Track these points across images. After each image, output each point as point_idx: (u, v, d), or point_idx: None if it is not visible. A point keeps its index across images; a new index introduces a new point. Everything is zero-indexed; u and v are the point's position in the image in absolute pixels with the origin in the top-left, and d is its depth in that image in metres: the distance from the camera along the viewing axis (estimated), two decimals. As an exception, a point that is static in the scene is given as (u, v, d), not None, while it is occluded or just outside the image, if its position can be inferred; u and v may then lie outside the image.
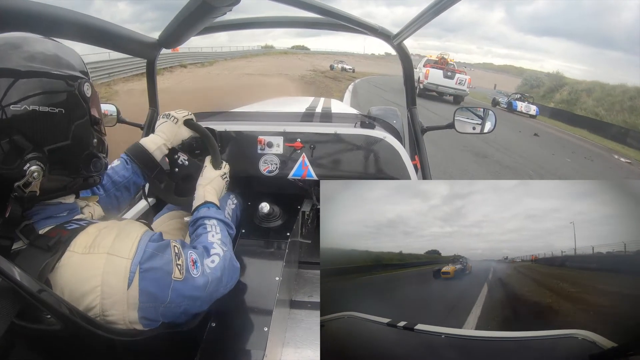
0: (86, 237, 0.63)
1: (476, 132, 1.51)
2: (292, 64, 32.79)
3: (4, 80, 0.57)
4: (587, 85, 26.03)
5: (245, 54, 39.65)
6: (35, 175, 0.59)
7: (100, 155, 0.73)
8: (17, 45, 0.62)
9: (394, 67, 22.07)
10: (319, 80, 19.95)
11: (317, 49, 66.06)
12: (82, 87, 0.67)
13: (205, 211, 0.92)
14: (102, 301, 0.60)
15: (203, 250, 0.81)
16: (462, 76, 15.89)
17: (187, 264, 0.71)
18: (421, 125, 1.56)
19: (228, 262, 0.82)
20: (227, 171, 1.09)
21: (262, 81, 15.53)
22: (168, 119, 1.13)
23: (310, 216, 1.55)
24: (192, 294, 0.71)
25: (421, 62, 17.54)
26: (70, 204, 0.72)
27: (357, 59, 57.42)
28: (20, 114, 0.58)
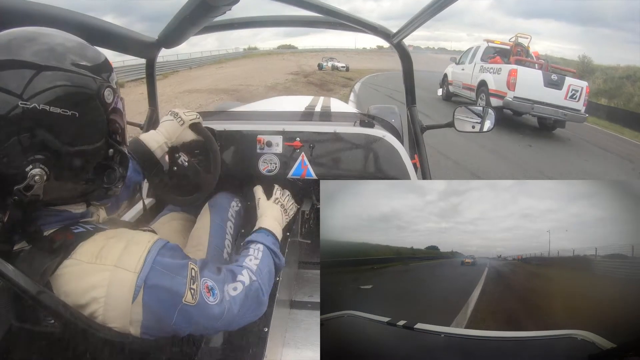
0: (93, 246, 0.61)
1: (475, 130, 1.51)
2: (275, 65, 26.99)
3: (16, 73, 0.54)
4: (624, 72, 19.78)
5: (220, 58, 33.79)
6: (37, 179, 0.55)
7: (116, 167, 0.67)
8: (35, 38, 0.58)
9: (391, 61, 17.35)
10: (298, 90, 14.65)
11: (306, 47, 61.68)
12: (102, 92, 0.62)
13: (255, 236, 0.91)
14: (104, 312, 0.59)
15: (226, 274, 0.75)
16: (575, 82, 7.55)
17: (202, 290, 0.66)
18: (421, 124, 1.56)
19: (252, 293, 0.76)
20: (278, 196, 1.07)
21: (197, 101, 11.00)
22: (175, 119, 1.11)
23: (310, 215, 1.55)
24: (202, 321, 0.67)
25: (472, 54, 9.33)
26: (80, 213, 0.68)
27: (349, 55, 49.06)
28: (29, 112, 0.54)
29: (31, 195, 0.55)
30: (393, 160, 1.33)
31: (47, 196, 0.59)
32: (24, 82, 0.54)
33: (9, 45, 0.55)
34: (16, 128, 0.54)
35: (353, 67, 28.09)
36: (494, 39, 9.30)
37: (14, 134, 0.54)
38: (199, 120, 1.16)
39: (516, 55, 8.42)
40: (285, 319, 1.21)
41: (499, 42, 9.13)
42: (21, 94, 0.53)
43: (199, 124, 1.16)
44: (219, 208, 1.20)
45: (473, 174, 4.88)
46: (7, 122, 0.53)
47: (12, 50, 0.55)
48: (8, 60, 0.54)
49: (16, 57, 0.55)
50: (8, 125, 0.53)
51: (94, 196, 0.68)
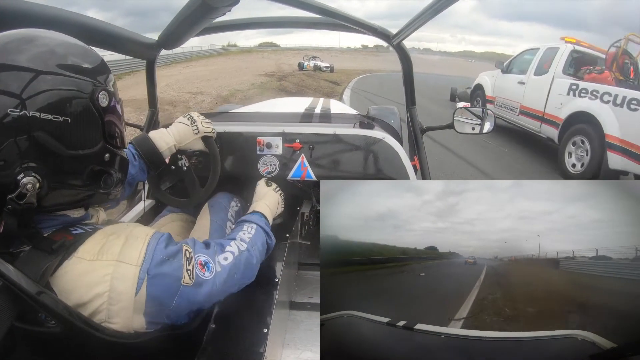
0: (94, 244, 0.61)
1: (475, 132, 1.51)
2: (252, 64, 24.11)
3: (6, 77, 0.52)
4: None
5: (191, 56, 29.21)
6: (29, 188, 0.53)
7: (113, 172, 0.66)
8: (28, 41, 0.56)
9: (377, 61, 18.24)
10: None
11: (288, 45, 58.66)
12: (96, 96, 0.60)
13: (249, 216, 0.96)
14: (108, 307, 0.59)
15: (215, 247, 0.79)
16: None
17: (196, 268, 0.69)
18: (420, 125, 1.56)
19: (243, 261, 0.80)
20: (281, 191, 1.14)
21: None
22: (190, 126, 1.11)
23: (310, 217, 1.55)
24: (200, 298, 0.69)
25: (541, 59, 5.51)
26: (78, 217, 0.67)
27: (333, 54, 47.27)
28: (18, 119, 0.52)
29: (24, 203, 0.54)
30: (393, 161, 1.33)
31: (43, 203, 0.58)
32: (12, 89, 0.52)
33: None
34: (5, 136, 0.52)
35: (338, 67, 24.85)
36: (577, 39, 5.44)
37: (3, 142, 0.52)
38: (213, 135, 1.17)
39: (618, 69, 4.72)
40: (285, 320, 1.21)
41: (587, 45, 5.43)
42: (9, 100, 0.52)
43: (210, 138, 1.16)
44: (219, 208, 1.20)
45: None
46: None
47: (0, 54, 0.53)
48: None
49: (3, 61, 0.53)
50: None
51: (93, 201, 0.67)
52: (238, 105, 3.40)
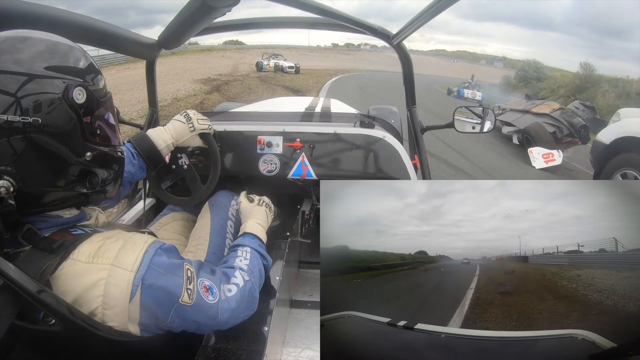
0: (90, 246, 0.61)
1: (475, 131, 1.51)
2: (202, 65, 19.76)
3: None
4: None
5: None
6: (2, 191, 0.52)
7: (97, 171, 0.64)
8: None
9: (350, 59, 18.25)
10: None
11: (254, 43, 56.30)
12: (70, 93, 0.57)
13: (241, 240, 0.92)
14: (103, 311, 0.59)
15: (222, 276, 0.76)
16: None
17: (199, 290, 0.67)
18: (421, 124, 1.56)
19: (247, 293, 0.77)
20: (266, 200, 1.09)
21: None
22: (186, 124, 1.11)
23: (310, 216, 1.55)
24: (200, 320, 0.67)
25: None
26: (73, 217, 0.66)
27: (301, 53, 43.46)
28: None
29: (3, 206, 0.53)
30: (393, 160, 1.33)
31: (27, 205, 0.57)
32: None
33: None
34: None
35: (306, 66, 20.56)
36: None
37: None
38: (210, 131, 1.17)
39: None
40: (285, 319, 1.21)
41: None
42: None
43: (209, 135, 1.16)
44: (220, 207, 1.20)
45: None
46: None
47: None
48: None
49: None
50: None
51: (86, 200, 0.66)
52: (238, 104, 3.39)
